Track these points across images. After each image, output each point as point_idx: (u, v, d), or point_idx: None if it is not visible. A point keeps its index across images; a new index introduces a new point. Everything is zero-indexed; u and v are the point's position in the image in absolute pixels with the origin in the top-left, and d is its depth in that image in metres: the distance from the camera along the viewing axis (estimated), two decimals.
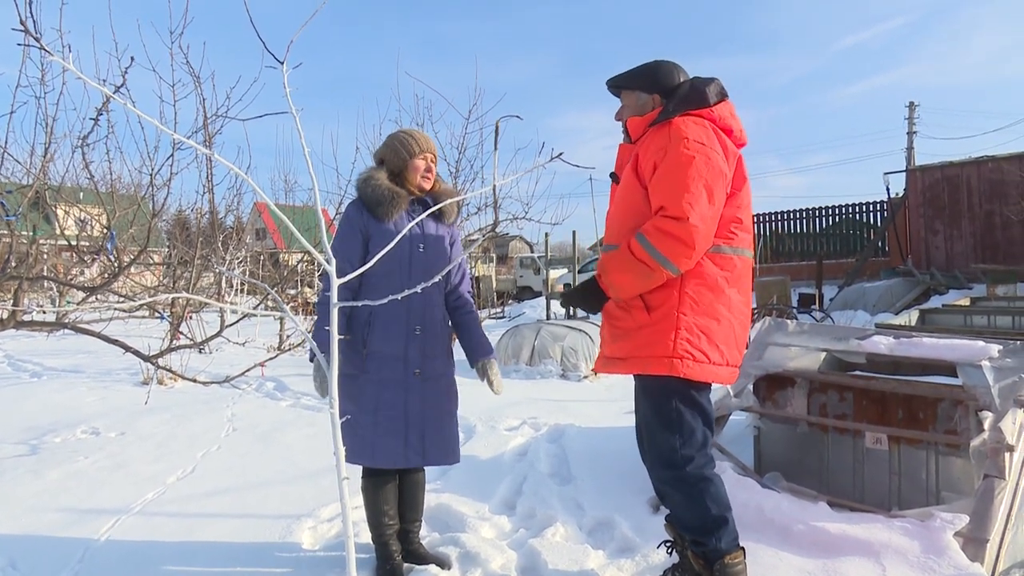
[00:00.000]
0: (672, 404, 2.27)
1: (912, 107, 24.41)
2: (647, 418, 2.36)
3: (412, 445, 2.49)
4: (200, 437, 4.64)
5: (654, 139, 2.28)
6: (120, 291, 5.27)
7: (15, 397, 6.16)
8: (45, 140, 3.16)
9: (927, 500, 2.90)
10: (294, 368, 7.51)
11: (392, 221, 2.51)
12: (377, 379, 2.50)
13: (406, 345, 2.51)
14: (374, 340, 2.50)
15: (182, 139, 1.85)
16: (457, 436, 2.67)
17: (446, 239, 2.65)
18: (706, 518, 2.27)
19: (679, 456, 2.27)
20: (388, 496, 2.61)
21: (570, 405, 5.65)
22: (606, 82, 2.58)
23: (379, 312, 2.49)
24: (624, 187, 2.39)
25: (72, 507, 3.32)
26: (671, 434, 2.28)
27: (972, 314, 6.18)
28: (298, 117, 1.85)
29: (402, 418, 2.49)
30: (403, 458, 2.49)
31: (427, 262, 2.54)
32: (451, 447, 2.61)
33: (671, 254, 2.15)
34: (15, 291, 3.46)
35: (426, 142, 2.62)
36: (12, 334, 10.78)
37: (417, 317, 2.54)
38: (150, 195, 3.62)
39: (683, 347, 2.21)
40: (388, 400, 2.49)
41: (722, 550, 2.28)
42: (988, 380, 2.76)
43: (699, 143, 2.19)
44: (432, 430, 2.52)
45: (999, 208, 13.84)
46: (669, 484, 2.33)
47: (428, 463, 2.56)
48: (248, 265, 11.26)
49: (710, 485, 2.29)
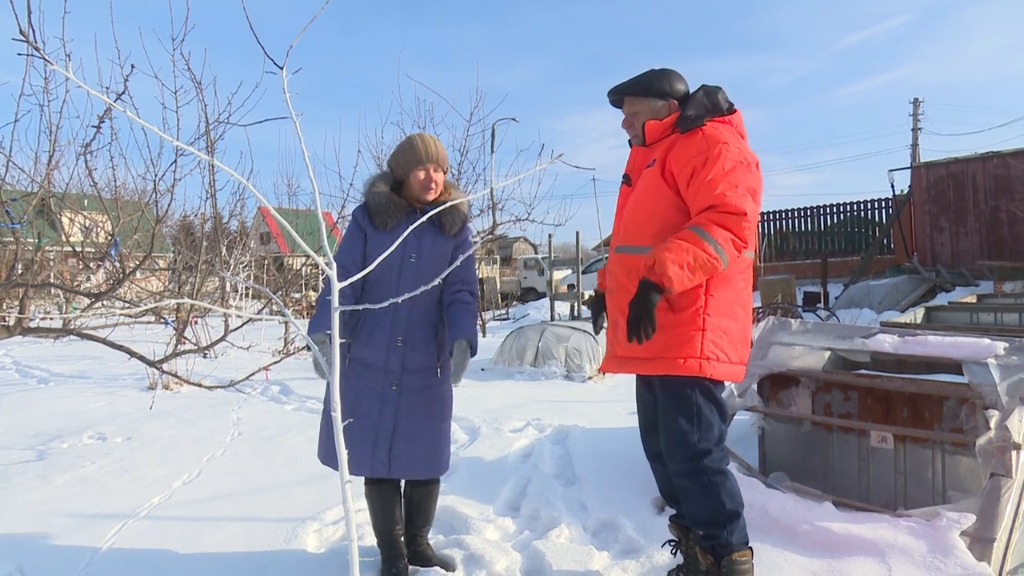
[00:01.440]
0: (692, 399, 2.31)
1: (917, 103, 24.35)
2: (667, 412, 2.37)
3: (379, 456, 2.47)
4: (205, 441, 4.65)
5: (688, 145, 2.30)
6: (125, 297, 5.30)
7: (22, 403, 6.19)
8: (49, 148, 3.18)
9: (933, 499, 2.89)
10: (299, 372, 7.53)
11: (389, 229, 2.50)
12: (356, 385, 2.50)
13: (387, 355, 2.49)
14: (358, 347, 2.51)
15: (184, 147, 1.86)
16: (437, 449, 2.57)
17: (444, 250, 2.58)
18: (720, 512, 2.29)
19: (697, 449, 2.30)
20: (389, 500, 2.60)
21: (574, 406, 5.64)
22: (613, 90, 2.56)
23: (366, 320, 2.51)
24: (646, 189, 2.41)
25: (79, 512, 3.34)
26: (690, 427, 2.31)
27: (978, 311, 6.15)
28: (298, 122, 1.86)
29: (373, 428, 2.47)
30: (369, 467, 2.48)
31: (418, 273, 2.48)
32: (422, 460, 2.52)
33: (728, 249, 2.17)
34: (21, 298, 3.48)
35: (429, 151, 2.53)
36: (19, 340, 10.84)
37: (401, 328, 2.51)
38: (154, 201, 3.64)
39: (709, 348, 2.27)
40: (364, 408, 2.48)
41: (732, 545, 2.30)
42: (994, 378, 2.75)
43: (738, 148, 2.27)
44: (402, 443, 2.48)
45: (1005, 204, 13.77)
46: (686, 476, 2.33)
47: (392, 475, 2.50)
48: (252, 269, 11.30)
49: (726, 479, 2.33)
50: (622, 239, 2.47)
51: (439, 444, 2.59)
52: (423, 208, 2.54)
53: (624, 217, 2.50)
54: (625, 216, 2.49)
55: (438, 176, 2.56)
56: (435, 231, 2.57)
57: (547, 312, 10.57)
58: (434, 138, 2.61)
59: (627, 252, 2.42)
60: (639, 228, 2.39)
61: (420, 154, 2.51)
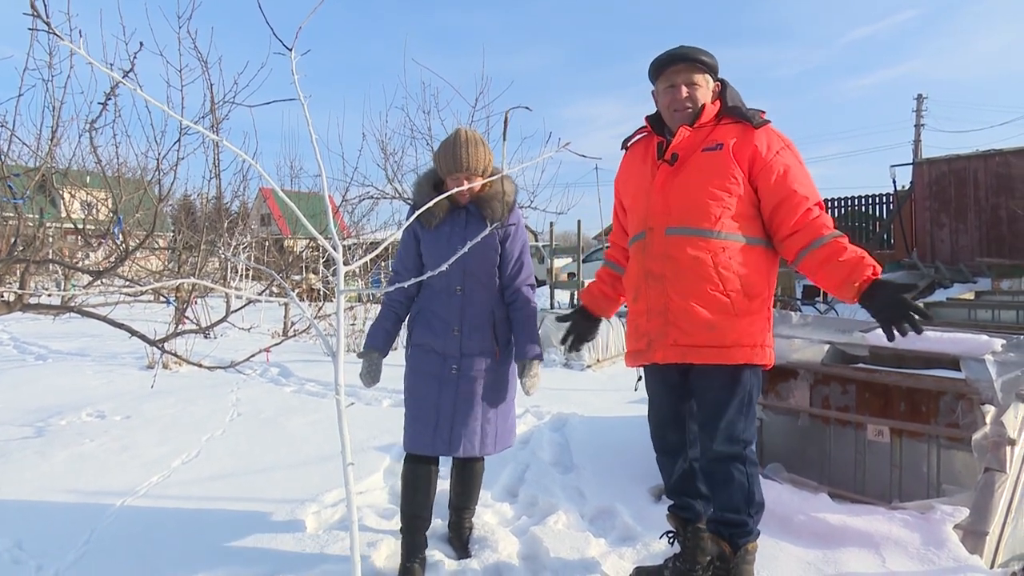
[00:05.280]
0: (747, 387, 2.34)
1: (920, 99, 24.24)
2: (717, 399, 2.33)
3: (440, 435, 2.55)
4: (205, 421, 4.67)
5: (766, 137, 2.33)
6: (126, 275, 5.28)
7: (21, 380, 6.20)
8: (52, 123, 3.15)
9: (928, 493, 2.92)
10: (299, 354, 7.55)
11: (435, 227, 2.61)
12: (417, 370, 2.62)
13: (445, 342, 2.58)
14: (418, 334, 2.62)
15: (189, 124, 1.85)
16: (497, 431, 2.66)
17: (491, 240, 2.60)
18: (752, 501, 2.34)
19: (742, 438, 2.34)
20: (421, 485, 2.63)
21: (573, 394, 5.67)
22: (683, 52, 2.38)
23: (424, 309, 2.64)
24: (712, 172, 2.29)
25: (78, 489, 3.36)
26: (741, 415, 2.34)
27: (976, 308, 6.18)
28: (306, 104, 1.85)
29: (434, 409, 2.56)
30: (431, 446, 2.56)
31: (465, 263, 2.48)
32: (480, 440, 2.61)
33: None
34: (21, 274, 3.47)
35: (460, 161, 2.53)
36: (18, 317, 10.83)
37: (456, 318, 2.59)
38: (156, 180, 3.62)
39: (769, 337, 2.36)
40: (423, 391, 2.58)
41: (753, 536, 2.36)
42: (991, 374, 2.76)
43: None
44: (461, 423, 2.56)
45: (1006, 202, 13.77)
46: (726, 463, 2.34)
47: (452, 453, 2.58)
48: (253, 251, 11.28)
49: (758, 471, 2.40)
50: (677, 220, 2.32)
51: (501, 424, 2.68)
52: (467, 205, 2.63)
53: (673, 197, 2.34)
54: (675, 196, 2.33)
55: (471, 181, 2.56)
56: (480, 222, 2.61)
57: (547, 300, 10.58)
58: (475, 139, 2.59)
59: (687, 234, 2.29)
60: (702, 211, 2.28)
61: (451, 164, 2.55)
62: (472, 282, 2.60)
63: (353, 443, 3.90)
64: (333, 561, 2.62)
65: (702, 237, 2.28)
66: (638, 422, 3.15)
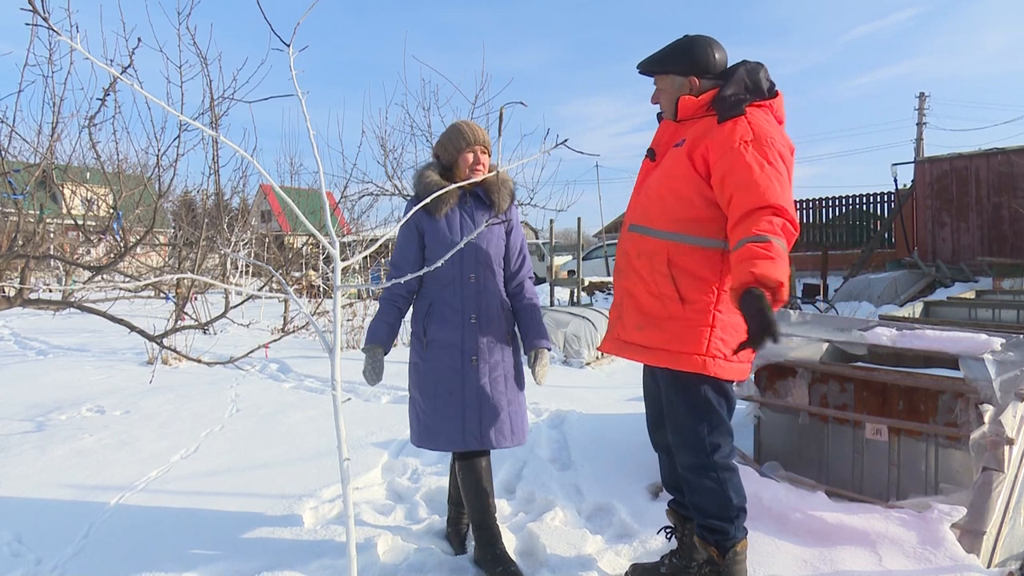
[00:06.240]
0: (702, 393, 2.25)
1: (922, 98, 24.21)
2: (673, 405, 2.31)
3: (470, 429, 2.54)
4: (204, 417, 4.68)
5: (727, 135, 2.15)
6: (126, 271, 5.30)
7: (21, 375, 6.21)
8: (52, 119, 3.16)
9: (926, 492, 2.92)
10: (298, 350, 7.55)
11: (443, 215, 2.59)
12: (436, 366, 2.58)
13: (462, 334, 2.56)
14: (432, 329, 2.59)
15: (189, 120, 1.85)
16: (519, 417, 2.66)
17: (497, 228, 2.66)
18: (729, 507, 2.28)
19: (707, 444, 2.26)
20: (484, 474, 2.62)
21: (571, 391, 5.67)
22: (638, 65, 2.44)
23: (436, 303, 2.60)
24: (672, 170, 2.28)
25: (77, 483, 3.36)
26: (699, 422, 2.26)
27: (977, 307, 6.17)
28: (304, 100, 1.86)
29: (459, 403, 2.54)
30: (462, 442, 2.55)
31: (477, 251, 2.58)
32: (509, 430, 2.61)
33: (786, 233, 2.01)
34: (22, 269, 3.48)
35: (475, 134, 2.62)
36: (18, 312, 10.85)
37: (472, 306, 2.58)
38: (156, 176, 3.63)
39: (716, 346, 2.18)
40: (446, 387, 2.56)
41: (738, 538, 2.30)
42: (990, 373, 2.76)
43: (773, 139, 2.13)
44: (489, 415, 2.55)
45: (1007, 201, 13.74)
46: (695, 471, 2.29)
47: (484, 445, 2.56)
48: (253, 247, 11.29)
49: (734, 475, 2.31)
50: (638, 217, 2.35)
51: (520, 413, 2.68)
52: (472, 190, 2.65)
53: (643, 195, 2.38)
54: (644, 193, 2.38)
55: (484, 158, 2.65)
56: (487, 210, 2.65)
57: (547, 297, 10.59)
58: (476, 123, 2.71)
59: (641, 233, 2.32)
60: (658, 210, 2.28)
61: (468, 137, 2.61)
62: (484, 270, 2.60)
63: (351, 439, 3.91)
64: (330, 556, 2.62)
65: (650, 236, 2.29)
66: (636, 420, 3.15)
